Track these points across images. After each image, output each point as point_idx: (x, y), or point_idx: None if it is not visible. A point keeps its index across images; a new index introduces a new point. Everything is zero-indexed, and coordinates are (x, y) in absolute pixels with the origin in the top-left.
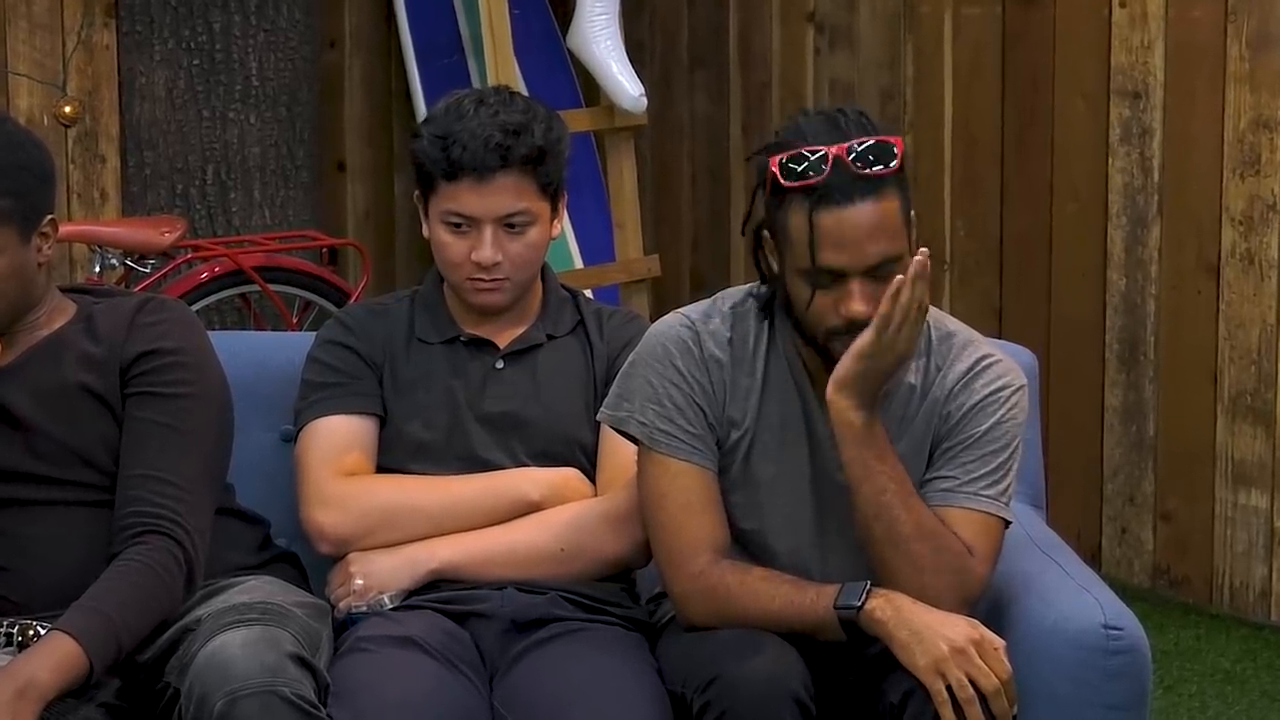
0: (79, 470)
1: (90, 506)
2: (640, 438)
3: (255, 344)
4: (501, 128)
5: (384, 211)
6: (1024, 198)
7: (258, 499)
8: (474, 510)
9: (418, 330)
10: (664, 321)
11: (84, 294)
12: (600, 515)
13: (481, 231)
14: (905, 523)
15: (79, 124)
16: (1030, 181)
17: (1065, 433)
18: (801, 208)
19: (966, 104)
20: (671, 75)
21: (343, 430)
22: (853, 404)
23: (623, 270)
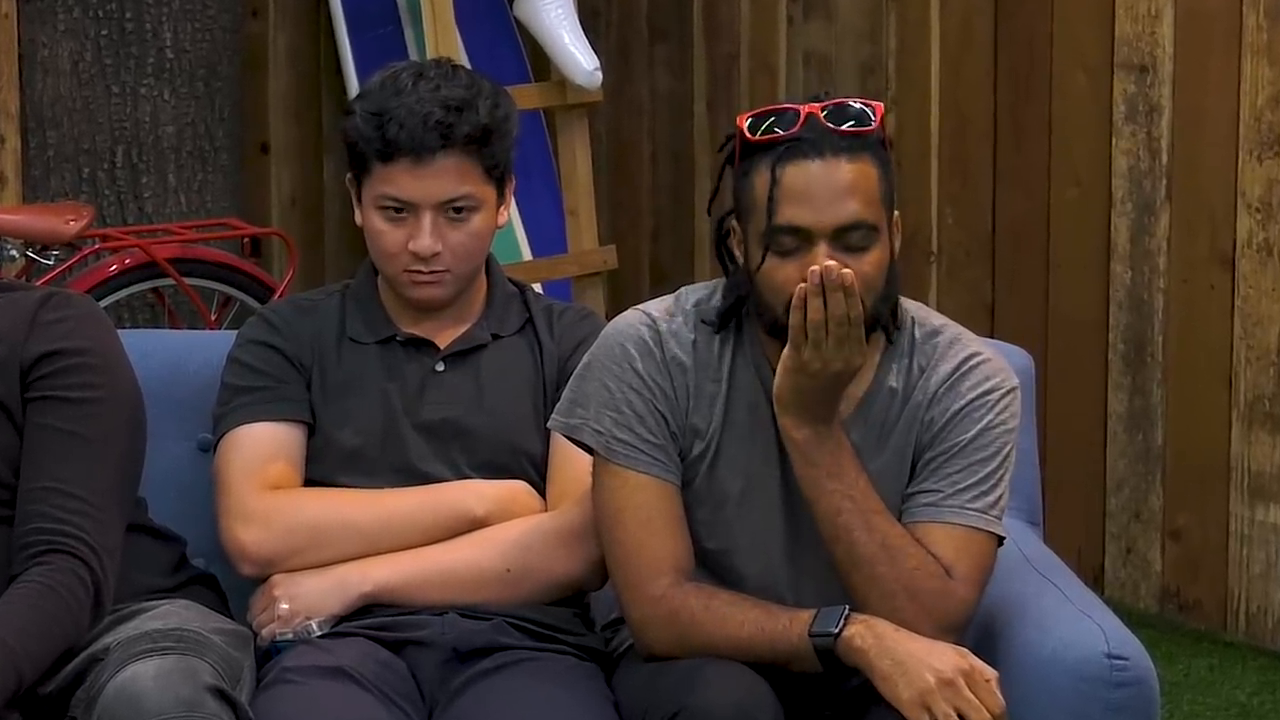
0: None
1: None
2: (595, 447)
3: (170, 344)
4: (443, 104)
5: (312, 197)
6: (1019, 182)
7: (173, 515)
8: (411, 526)
9: (349, 329)
10: (622, 319)
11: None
12: (551, 533)
13: (420, 218)
14: (866, 544)
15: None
16: (1026, 164)
17: (1064, 441)
18: (766, 165)
19: (956, 79)
20: (630, 47)
21: (266, 439)
22: (794, 420)
23: (576, 262)
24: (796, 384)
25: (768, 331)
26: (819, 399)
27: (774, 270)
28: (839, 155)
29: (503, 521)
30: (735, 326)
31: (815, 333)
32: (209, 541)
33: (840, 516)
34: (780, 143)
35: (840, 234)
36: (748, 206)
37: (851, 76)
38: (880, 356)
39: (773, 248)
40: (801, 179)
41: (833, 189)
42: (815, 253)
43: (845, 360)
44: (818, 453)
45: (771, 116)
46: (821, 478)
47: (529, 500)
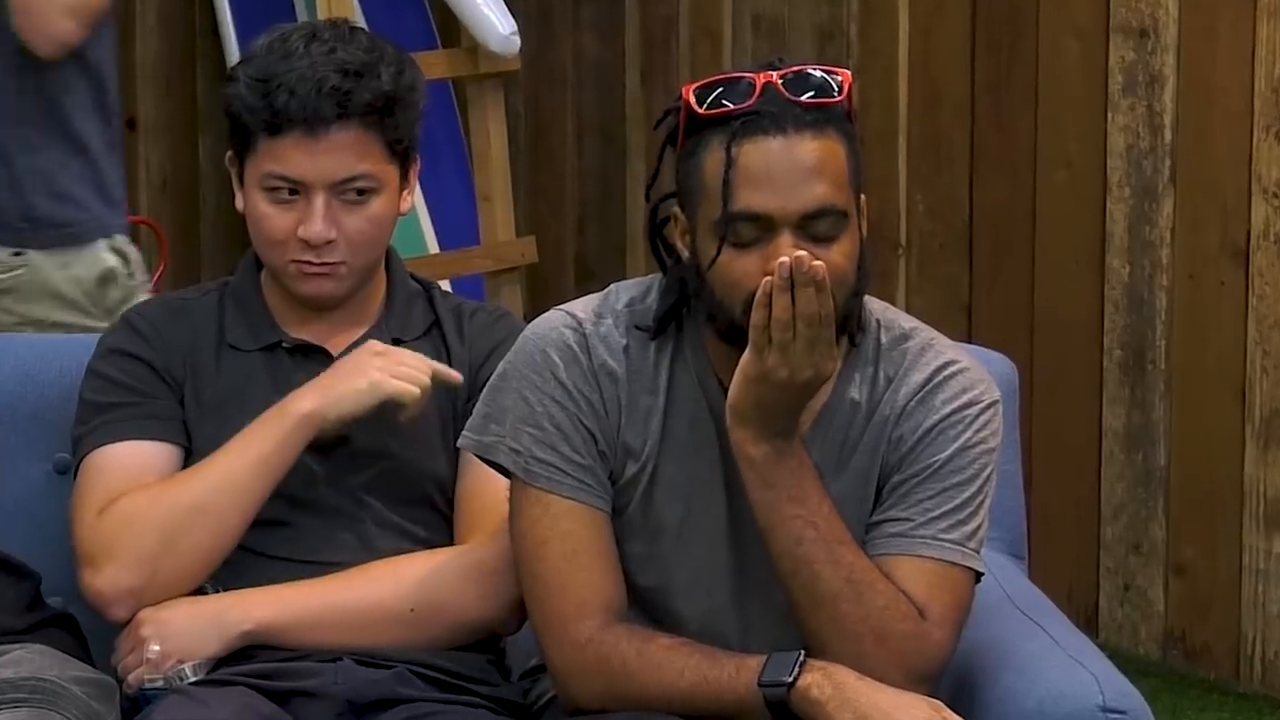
0: None
1: None
2: (513, 469)
3: (20, 349)
4: (339, 68)
5: (185, 180)
6: (1000, 164)
7: (24, 546)
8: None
9: (229, 334)
10: (542, 321)
11: None
12: (461, 568)
13: (311, 200)
14: (829, 579)
15: None
16: (1008, 143)
17: (1052, 462)
18: (719, 142)
19: (927, 45)
20: (551, 7)
21: (130, 462)
22: (752, 435)
23: (490, 256)
24: (758, 394)
25: (721, 335)
26: (782, 411)
27: (730, 264)
28: (802, 131)
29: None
30: (674, 330)
31: (781, 334)
32: (67, 577)
33: (801, 547)
34: (734, 117)
35: (806, 221)
36: (695, 191)
37: (807, 42)
38: (842, 364)
39: (729, 238)
40: (761, 159)
41: (797, 170)
42: (778, 243)
43: (815, 366)
44: (777, 473)
45: (721, 87)
46: (781, 502)
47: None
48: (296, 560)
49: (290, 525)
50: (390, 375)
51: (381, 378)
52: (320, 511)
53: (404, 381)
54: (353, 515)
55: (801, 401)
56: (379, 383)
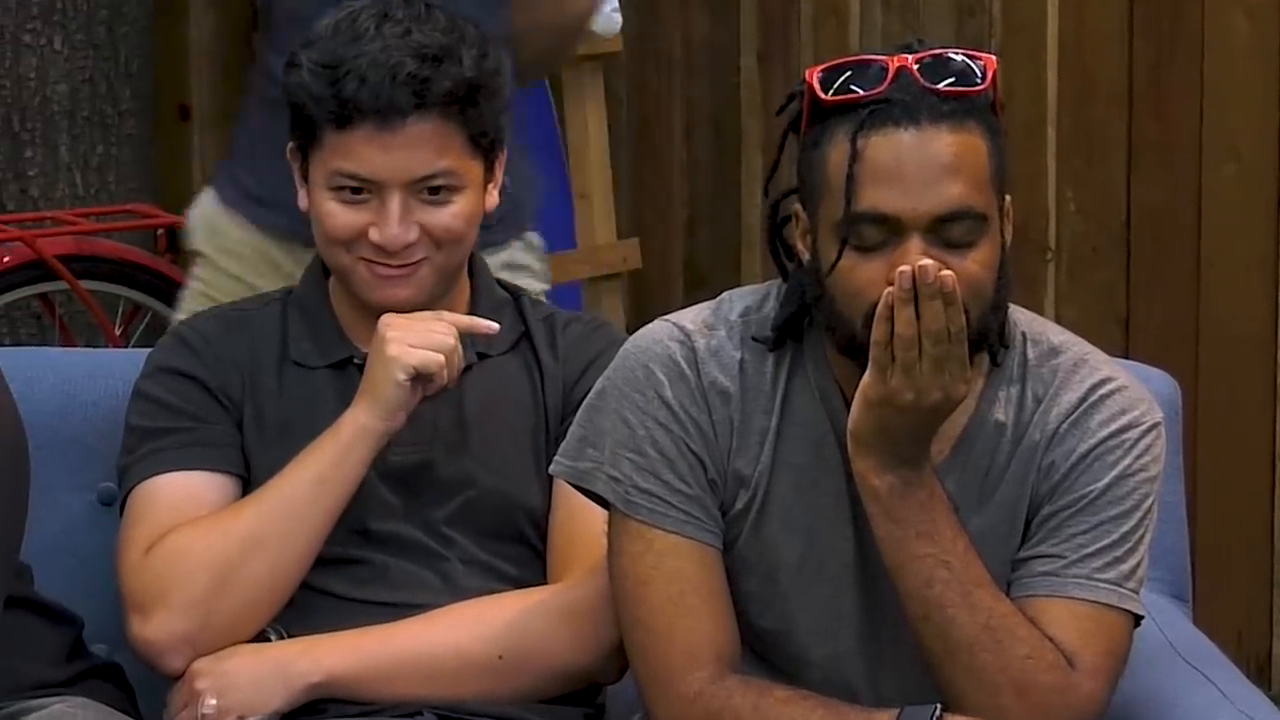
0: None
1: None
2: (612, 499)
3: (60, 365)
4: (415, 52)
5: None
6: (1161, 157)
7: (65, 588)
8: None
9: (292, 349)
10: (646, 333)
11: None
12: (555, 610)
13: (386, 200)
14: (965, 625)
15: None
16: (1170, 134)
17: (1220, 492)
18: (844, 133)
19: (1079, 24)
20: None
21: (181, 495)
22: (875, 465)
23: (587, 261)
24: (881, 419)
25: (840, 349)
26: (908, 438)
27: (852, 270)
28: (938, 123)
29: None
30: (794, 343)
31: (906, 352)
32: (112, 622)
33: (932, 589)
34: (863, 104)
35: (939, 225)
36: (817, 187)
37: (944, 21)
38: (984, 383)
39: (851, 241)
40: (890, 153)
41: (930, 166)
42: (905, 249)
43: (944, 388)
44: (904, 507)
45: (850, 70)
46: (909, 539)
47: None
48: (371, 602)
49: (364, 563)
50: (407, 345)
51: (399, 351)
52: (398, 547)
53: (423, 349)
54: (434, 551)
55: (930, 427)
56: (397, 358)
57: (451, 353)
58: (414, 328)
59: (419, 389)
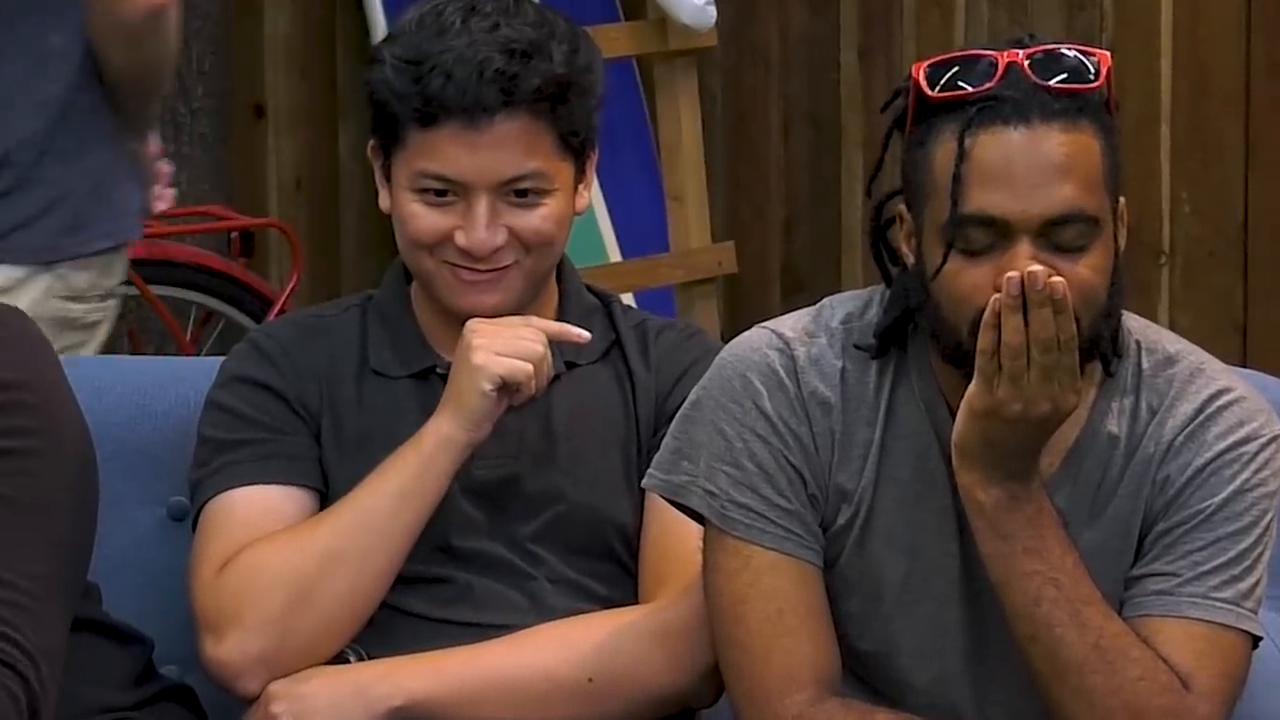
0: None
1: None
2: (707, 514)
3: (129, 373)
4: (504, 48)
5: (323, 176)
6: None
7: (134, 607)
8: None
9: (373, 358)
10: (743, 341)
11: None
12: (647, 630)
13: (473, 202)
14: (1073, 645)
15: None
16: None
17: None
18: (951, 132)
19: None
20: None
21: (255, 510)
22: (981, 479)
23: (681, 265)
24: (986, 431)
25: (945, 357)
26: (1015, 451)
27: (958, 275)
28: (1050, 122)
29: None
30: (898, 351)
31: (1013, 362)
32: (184, 642)
33: (1040, 608)
34: (971, 102)
35: (1049, 228)
36: (923, 188)
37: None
38: (1096, 394)
39: (958, 244)
40: (999, 153)
41: (1041, 167)
42: (1014, 253)
43: (1053, 399)
44: (1011, 522)
45: (958, 66)
46: (1016, 555)
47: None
48: (455, 622)
49: (448, 581)
50: (494, 353)
51: (485, 360)
52: (483, 565)
53: (511, 357)
54: (521, 569)
55: (1038, 440)
56: (483, 367)
57: (540, 361)
58: (501, 334)
59: (505, 399)
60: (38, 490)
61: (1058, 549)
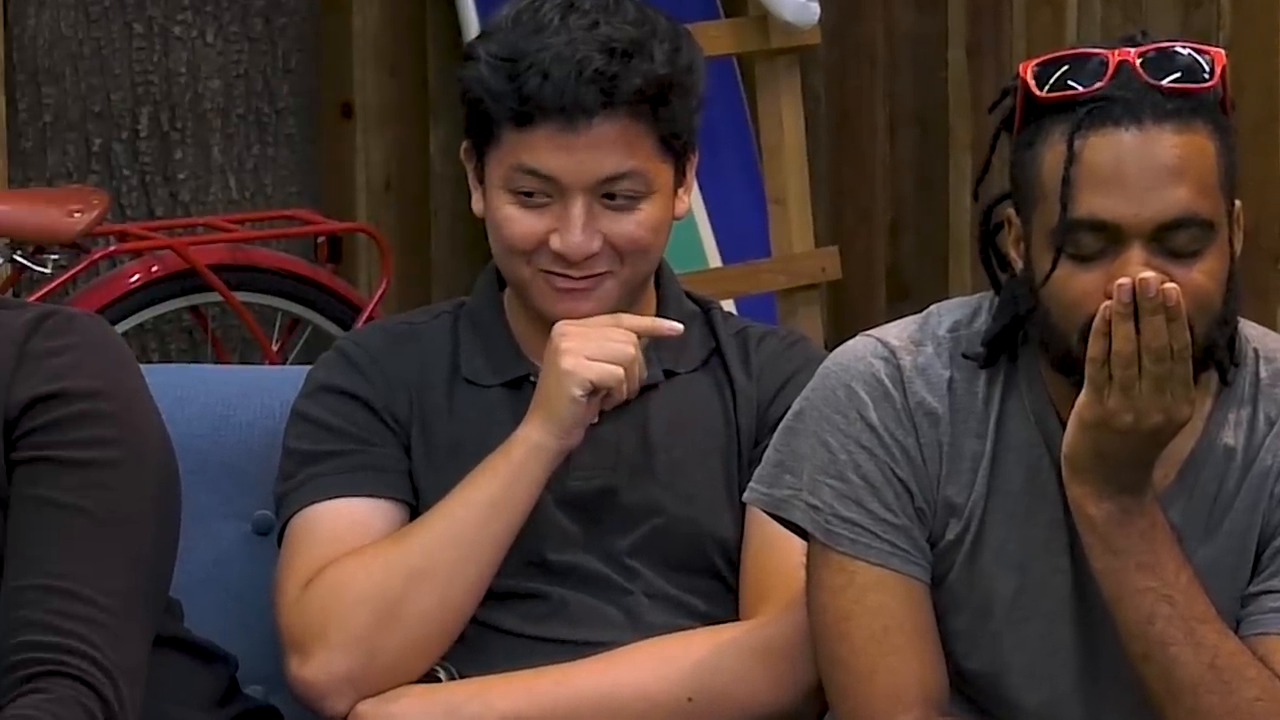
0: None
1: None
2: (811, 529)
3: (212, 383)
4: (603, 47)
5: (413, 178)
6: None
7: (218, 624)
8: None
9: (465, 366)
10: (848, 350)
11: None
12: (748, 648)
13: (569, 204)
14: (1189, 665)
15: None
16: None
17: None
18: (1060, 133)
19: None
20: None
21: (342, 524)
22: (1092, 492)
23: (783, 270)
24: (1097, 443)
25: (1055, 366)
26: (1127, 463)
27: (1068, 281)
28: (1162, 123)
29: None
30: (1008, 360)
31: (1124, 371)
32: (269, 661)
33: (1154, 626)
34: (1081, 102)
35: (1162, 233)
36: (1031, 191)
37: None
38: (1212, 404)
39: (1067, 249)
40: (1110, 155)
41: (1153, 170)
42: (1125, 258)
43: (1166, 410)
44: (1123, 536)
45: (1067, 65)
46: (1128, 571)
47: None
48: (548, 639)
49: (541, 597)
50: (584, 358)
51: (574, 364)
52: (578, 580)
53: (601, 361)
54: (617, 584)
55: (1150, 452)
56: (572, 372)
57: (632, 364)
58: (591, 337)
59: (596, 404)
60: (118, 503)
61: (1172, 565)
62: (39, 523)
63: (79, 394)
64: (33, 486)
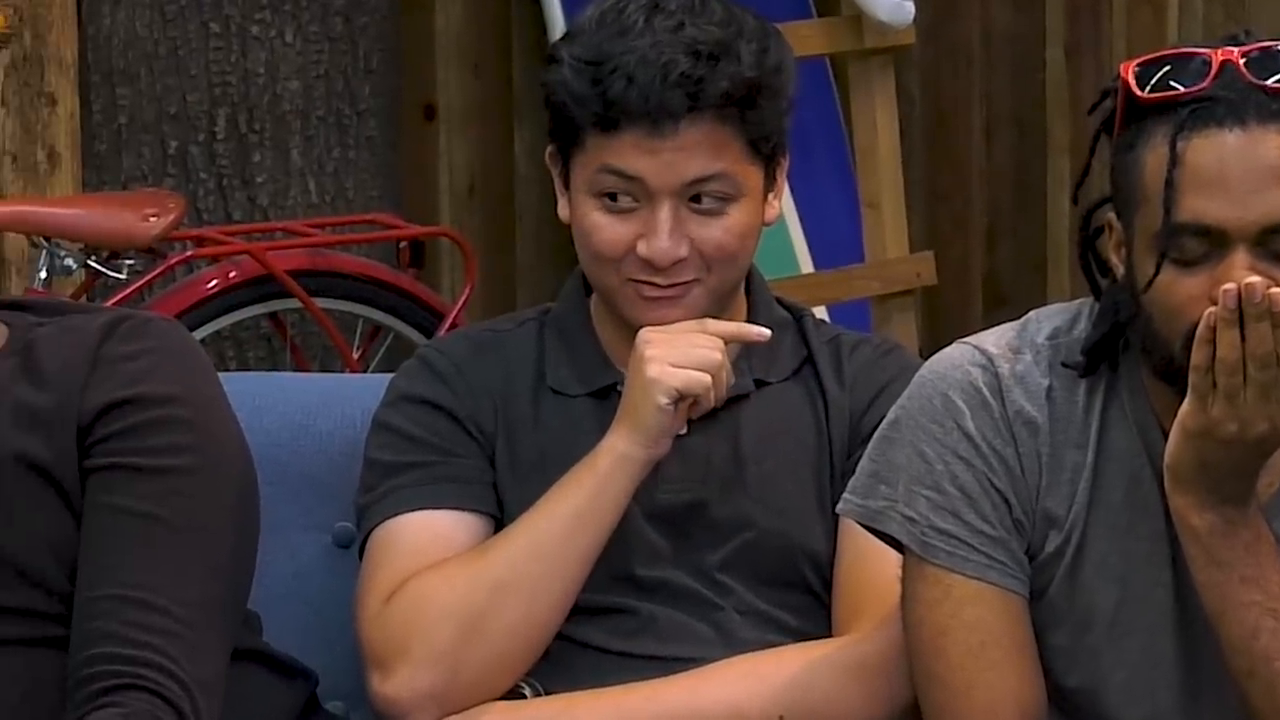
0: (13, 589)
1: (29, 646)
2: (906, 541)
3: (291, 392)
4: (689, 49)
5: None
6: None
7: (298, 639)
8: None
9: (550, 375)
10: (944, 358)
11: (20, 311)
12: (842, 664)
13: (656, 209)
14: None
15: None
16: None
17: None
18: (1162, 135)
19: None
20: None
21: (425, 537)
22: (1195, 502)
23: (876, 276)
24: (1200, 452)
25: (1158, 374)
26: (1231, 473)
27: (1171, 286)
28: (1267, 124)
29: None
30: (1109, 368)
31: (1228, 379)
32: (351, 676)
33: (1258, 640)
34: (1183, 103)
35: (1268, 236)
36: (1133, 194)
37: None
38: None
39: (1170, 254)
40: (1214, 157)
41: (1258, 171)
42: (1230, 263)
43: (1271, 419)
44: (1226, 548)
45: (1169, 65)
46: (1232, 584)
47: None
48: (637, 655)
49: (629, 612)
50: (669, 365)
51: (659, 372)
52: (667, 595)
53: (687, 368)
54: (707, 600)
55: (1255, 461)
56: (658, 380)
57: (719, 370)
58: (676, 344)
59: (684, 412)
60: (195, 511)
61: (1276, 578)
62: (114, 531)
63: (155, 399)
64: (107, 494)
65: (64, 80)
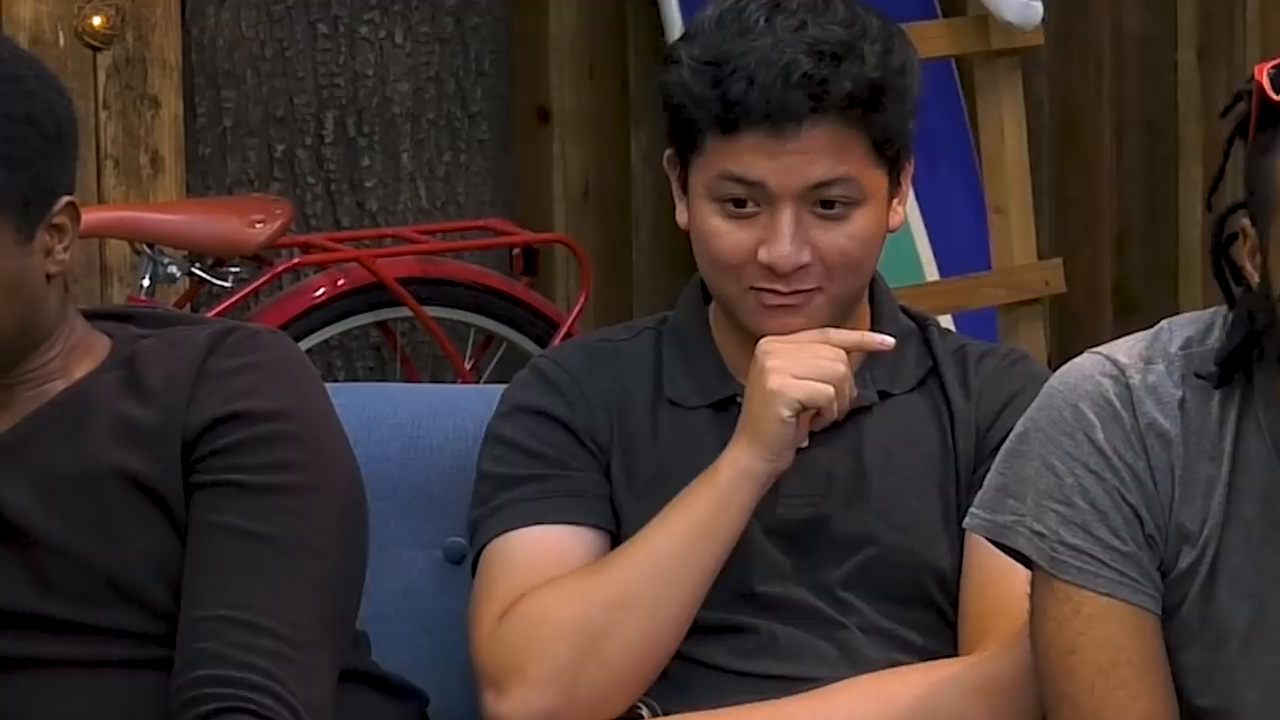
0: (114, 609)
1: (129, 668)
2: (1035, 557)
3: (401, 404)
4: (812, 49)
5: (613, 187)
6: None
7: (409, 657)
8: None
9: (669, 386)
10: (1074, 368)
11: (124, 323)
12: (969, 684)
13: (777, 213)
14: None
15: (115, 45)
16: None
17: None
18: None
19: None
20: None
21: (539, 552)
22: None
23: (1004, 284)
24: None
25: None
26: None
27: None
28: None
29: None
30: (1244, 379)
31: None
32: (463, 697)
33: None
34: None
35: None
36: (1268, 201)
37: None
38: None
39: None
40: None
41: None
42: None
43: None
44: None
45: None
46: None
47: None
48: (757, 675)
49: (749, 630)
50: (791, 376)
51: (781, 384)
52: (788, 613)
53: (809, 380)
54: (830, 618)
55: None
56: (779, 391)
57: (842, 382)
58: (798, 354)
59: (806, 424)
60: (302, 529)
61: None
62: (220, 550)
63: (262, 415)
64: (213, 512)
65: (167, 82)
